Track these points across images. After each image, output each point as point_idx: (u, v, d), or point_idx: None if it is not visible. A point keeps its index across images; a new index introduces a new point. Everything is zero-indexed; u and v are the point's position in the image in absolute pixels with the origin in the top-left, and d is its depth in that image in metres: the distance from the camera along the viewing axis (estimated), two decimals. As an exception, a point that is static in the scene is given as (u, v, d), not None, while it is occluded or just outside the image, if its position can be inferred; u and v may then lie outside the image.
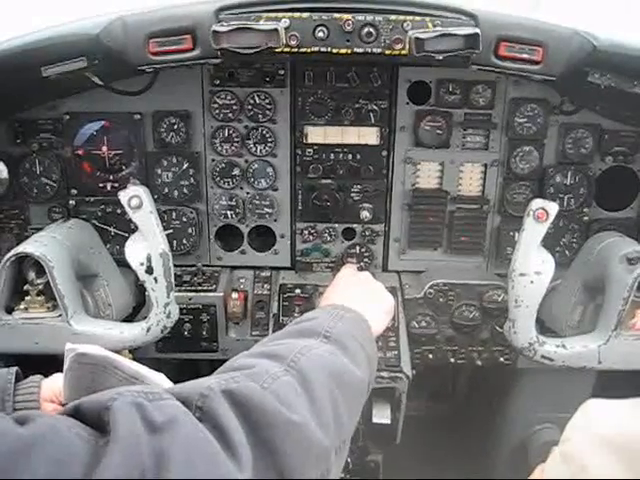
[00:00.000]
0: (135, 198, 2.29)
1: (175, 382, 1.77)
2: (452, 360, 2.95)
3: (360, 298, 2.07)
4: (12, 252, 2.34)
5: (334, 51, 2.25)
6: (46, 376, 1.88)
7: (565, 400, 3.02)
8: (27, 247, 2.34)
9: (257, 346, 1.66)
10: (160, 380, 1.71)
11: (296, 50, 2.23)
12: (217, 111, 2.79)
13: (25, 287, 2.42)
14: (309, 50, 2.24)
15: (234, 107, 2.78)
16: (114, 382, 1.71)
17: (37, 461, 0.98)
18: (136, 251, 2.34)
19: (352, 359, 1.64)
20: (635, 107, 2.60)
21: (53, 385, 1.80)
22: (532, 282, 2.33)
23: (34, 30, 2.35)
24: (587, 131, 2.77)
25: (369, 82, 2.74)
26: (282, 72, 2.74)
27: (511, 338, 2.44)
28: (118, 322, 2.58)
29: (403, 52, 2.24)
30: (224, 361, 2.61)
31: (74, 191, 2.86)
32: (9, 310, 2.42)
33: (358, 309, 1.91)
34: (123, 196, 2.30)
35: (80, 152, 2.80)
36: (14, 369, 1.79)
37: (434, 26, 2.20)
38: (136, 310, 2.85)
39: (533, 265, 2.32)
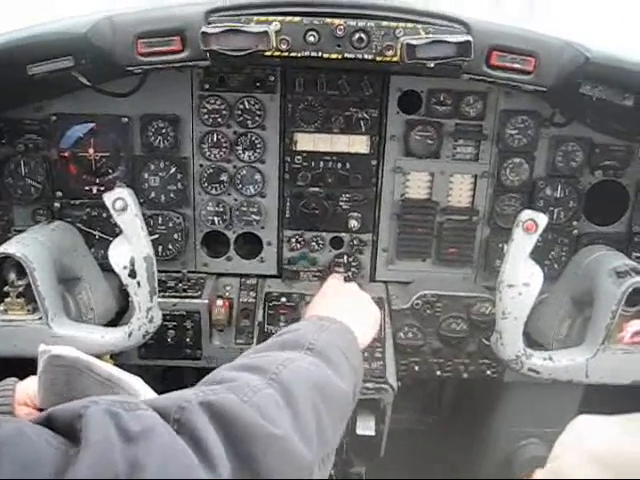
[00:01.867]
0: (120, 200, 2.26)
1: (158, 390, 1.74)
2: (438, 372, 2.92)
3: (346, 309, 2.02)
4: (-7, 252, 2.30)
5: (325, 56, 2.23)
6: (23, 380, 1.84)
7: (551, 415, 3.02)
8: (8, 248, 2.30)
9: (239, 358, 1.62)
10: (136, 384, 1.67)
11: (286, 54, 2.22)
12: (206, 116, 2.76)
13: (5, 289, 2.38)
14: (299, 54, 2.23)
15: (223, 112, 2.76)
16: (89, 385, 1.68)
17: (1, 464, 0.95)
18: (120, 254, 2.30)
19: (336, 371, 1.60)
20: (626, 120, 2.60)
21: (28, 388, 1.76)
22: (520, 294, 2.30)
23: (20, 28, 2.32)
24: (577, 144, 2.76)
25: (360, 90, 2.72)
26: (272, 78, 2.73)
27: (498, 350, 2.42)
28: (99, 326, 2.54)
29: (394, 59, 2.22)
30: (208, 369, 2.57)
31: (59, 193, 2.83)
32: (-12, 312, 2.38)
33: (344, 320, 1.87)
34: (108, 198, 2.27)
35: (66, 154, 2.77)
36: None
37: (426, 33, 2.19)
38: (119, 315, 2.81)
39: (521, 276, 2.30)
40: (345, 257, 2.95)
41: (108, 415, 1.10)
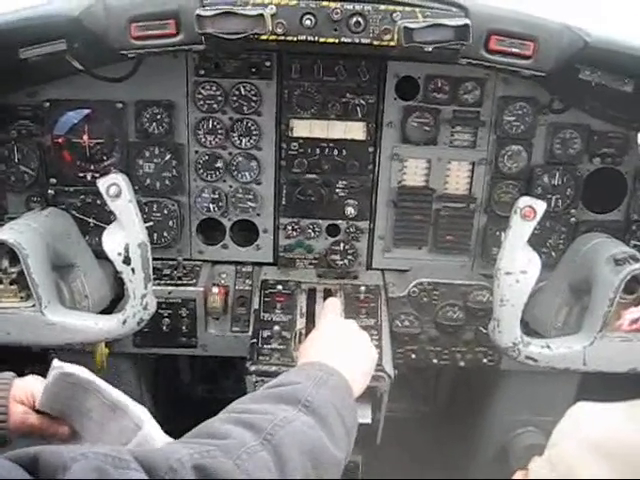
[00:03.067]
0: (114, 186, 2.23)
1: (153, 378, 1.73)
2: (435, 361, 2.91)
3: (345, 356, 1.90)
4: (-16, 239, 2.27)
5: (321, 40, 2.21)
6: (19, 371, 1.83)
7: (548, 403, 3.01)
8: (1, 234, 2.27)
9: (235, 405, 1.56)
10: (140, 413, 1.66)
11: (282, 38, 2.19)
12: (201, 102, 2.73)
13: (-1, 275, 2.35)
14: (295, 38, 2.20)
15: (219, 98, 2.73)
16: (94, 404, 1.67)
17: None
18: (114, 241, 2.28)
19: (331, 436, 1.54)
20: (625, 107, 2.58)
21: (26, 387, 1.75)
22: (518, 281, 2.29)
23: (12, 10, 2.28)
24: (576, 131, 2.74)
25: (357, 76, 2.70)
26: (268, 64, 2.70)
27: (495, 338, 2.40)
28: (93, 314, 2.52)
29: (392, 43, 2.19)
30: (203, 357, 2.55)
31: (53, 180, 2.80)
32: (-19, 300, 2.35)
33: (342, 370, 1.77)
34: (102, 184, 2.24)
35: (60, 141, 2.74)
36: None
37: (424, 17, 2.16)
38: (114, 303, 2.79)
39: (519, 264, 2.28)
40: (341, 245, 2.93)
41: (96, 473, 1.07)
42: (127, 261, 2.27)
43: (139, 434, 1.62)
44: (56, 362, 1.71)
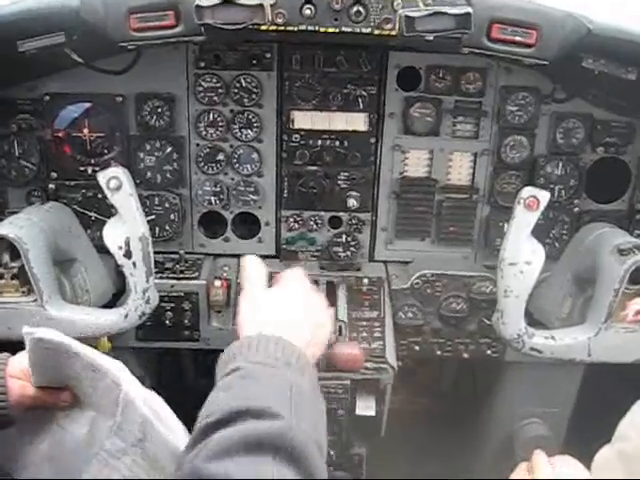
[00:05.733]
0: (114, 179, 2.21)
1: (155, 372, 1.73)
2: (438, 352, 2.91)
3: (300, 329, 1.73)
4: (-15, 234, 2.27)
5: (321, 30, 2.19)
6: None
7: (552, 395, 3.01)
8: (2, 229, 2.27)
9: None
10: (116, 369, 1.67)
11: (282, 28, 2.17)
12: (202, 94, 2.72)
13: (-1, 270, 2.34)
14: (296, 28, 2.18)
15: (219, 90, 2.71)
16: (77, 367, 1.67)
17: None
18: (114, 234, 2.27)
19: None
20: (628, 95, 2.56)
21: (21, 362, 1.76)
22: (522, 272, 2.27)
23: (10, 3, 2.27)
24: (579, 121, 2.72)
25: (358, 67, 2.68)
26: (269, 55, 2.68)
27: (499, 329, 2.39)
28: (95, 308, 2.51)
29: (393, 32, 2.18)
30: (206, 351, 2.55)
31: (54, 174, 2.79)
32: (-18, 294, 2.35)
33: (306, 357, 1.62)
34: (102, 177, 2.22)
35: (60, 134, 2.73)
36: None
37: (425, 5, 2.14)
38: (116, 298, 2.78)
39: (523, 254, 2.27)
40: (344, 236, 2.91)
41: None
42: (128, 255, 2.26)
43: (121, 397, 1.63)
44: (26, 328, 1.70)
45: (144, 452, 1.63)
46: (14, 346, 1.87)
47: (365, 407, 2.52)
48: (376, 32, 2.19)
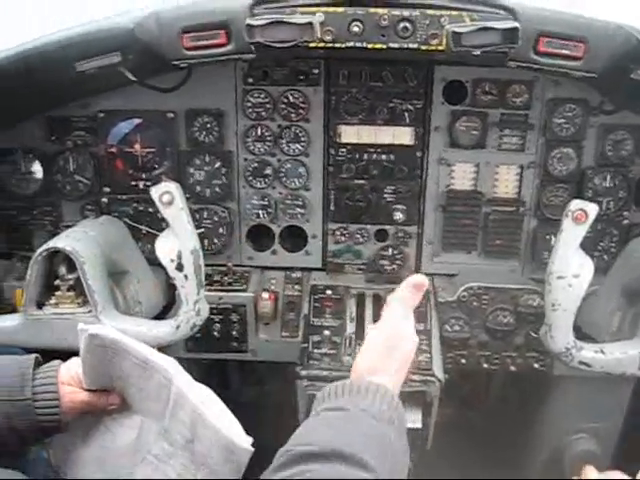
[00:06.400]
0: (167, 194, 2.28)
1: (203, 383, 1.76)
2: (485, 365, 2.90)
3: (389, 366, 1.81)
4: (44, 247, 2.34)
5: (369, 46, 2.23)
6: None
7: (601, 409, 2.96)
8: (59, 242, 2.35)
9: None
10: (169, 365, 1.70)
11: (331, 45, 2.21)
12: (250, 110, 2.77)
13: (56, 282, 2.42)
14: (344, 45, 2.22)
15: (267, 106, 2.76)
16: (128, 367, 1.71)
17: None
18: (167, 248, 2.33)
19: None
20: (678, 107, 2.53)
21: (71, 368, 1.82)
22: (570, 285, 2.26)
23: (69, 26, 2.36)
24: (627, 132, 2.69)
25: (404, 81, 2.70)
26: (316, 71, 2.72)
27: (547, 343, 2.38)
28: (147, 319, 2.57)
29: (440, 47, 2.20)
30: (253, 362, 2.58)
31: (107, 189, 2.87)
32: (40, 305, 2.43)
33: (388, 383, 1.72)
34: (155, 192, 2.29)
35: (113, 150, 2.81)
36: (33, 355, 1.82)
37: (472, 20, 2.16)
38: (166, 309, 2.84)
39: (571, 268, 2.26)
40: (390, 249, 2.92)
41: None
42: (180, 268, 2.31)
43: (172, 390, 1.66)
44: (81, 325, 1.77)
45: (192, 454, 1.66)
46: (68, 356, 1.93)
47: (412, 420, 2.51)
48: (423, 48, 2.21)
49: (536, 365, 2.86)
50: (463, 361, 2.87)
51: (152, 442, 1.72)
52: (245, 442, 1.63)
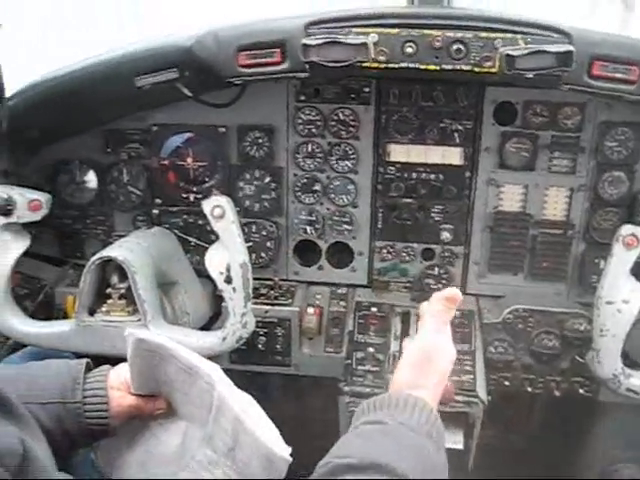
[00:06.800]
0: (218, 208, 2.33)
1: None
2: (529, 389, 2.86)
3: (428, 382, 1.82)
4: (97, 255, 2.40)
5: (422, 67, 2.24)
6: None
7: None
8: (112, 251, 2.40)
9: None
10: (211, 369, 1.72)
11: (384, 65, 2.24)
12: (301, 126, 2.81)
13: (107, 290, 2.48)
14: (397, 66, 2.24)
15: (318, 123, 2.79)
16: (173, 372, 1.75)
17: None
18: (216, 260, 2.37)
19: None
20: None
21: (120, 374, 1.86)
22: (619, 311, 2.24)
23: (129, 42, 2.43)
24: None
25: (454, 101, 2.71)
26: (367, 89, 2.74)
27: (594, 368, 2.35)
28: (195, 330, 2.61)
29: (493, 70, 2.21)
30: (295, 376, 2.60)
31: (158, 200, 2.93)
32: (91, 312, 2.49)
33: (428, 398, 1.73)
34: (206, 205, 2.34)
35: (166, 163, 2.87)
36: (84, 360, 1.87)
37: (526, 43, 2.16)
38: (212, 321, 2.88)
39: (621, 293, 2.24)
40: (436, 269, 2.93)
41: None
42: (229, 280, 2.35)
43: (215, 396, 1.67)
44: (128, 330, 1.81)
45: (234, 462, 1.67)
46: (117, 362, 1.98)
47: (453, 440, 2.50)
48: (476, 70, 2.22)
49: (581, 390, 2.82)
50: (507, 383, 2.84)
51: (195, 448, 1.73)
52: (284, 451, 1.64)
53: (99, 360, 1.99)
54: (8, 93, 2.47)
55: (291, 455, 1.65)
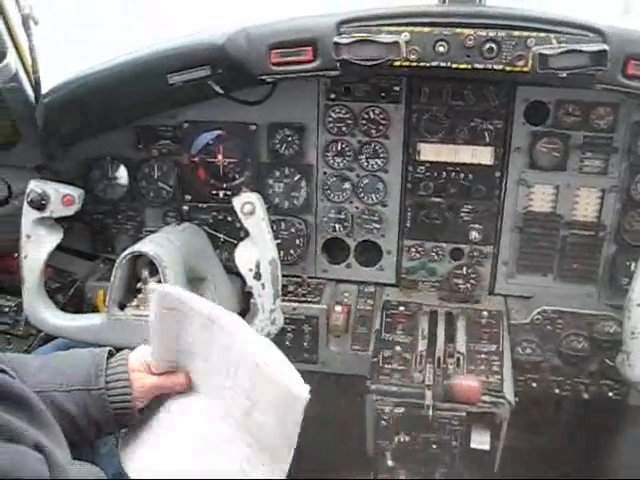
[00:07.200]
0: (248, 204, 2.35)
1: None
2: (557, 391, 2.85)
3: None
4: (129, 250, 2.43)
5: (454, 66, 2.24)
6: None
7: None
8: (143, 246, 2.43)
9: None
10: (233, 323, 1.75)
11: (415, 64, 2.23)
12: (331, 125, 2.81)
13: (138, 285, 2.51)
14: (428, 64, 2.24)
15: (348, 121, 2.80)
16: (194, 331, 1.76)
17: None
18: (246, 257, 2.39)
19: None
20: None
21: (139, 356, 1.88)
22: (651, 313, 2.22)
23: (162, 40, 2.46)
24: None
25: (485, 101, 2.69)
26: (397, 88, 2.74)
27: (624, 371, 2.33)
28: (223, 326, 2.62)
29: (525, 69, 2.20)
30: (321, 374, 2.61)
31: (188, 197, 2.95)
32: (122, 306, 2.51)
33: None
34: (237, 202, 2.36)
35: (196, 159, 2.89)
36: (107, 348, 1.90)
37: (559, 42, 2.15)
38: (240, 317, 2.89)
39: (653, 296, 2.21)
40: (464, 268, 2.92)
41: None
42: (258, 277, 2.37)
43: (234, 349, 1.70)
44: (152, 284, 1.85)
45: (250, 430, 1.70)
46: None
47: (480, 441, 2.50)
48: (508, 69, 2.21)
49: (610, 394, 2.80)
50: (534, 385, 2.83)
51: (215, 427, 1.76)
52: (302, 391, 1.66)
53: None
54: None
55: (316, 453, 1.66)
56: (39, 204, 2.48)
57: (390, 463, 2.57)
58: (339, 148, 2.84)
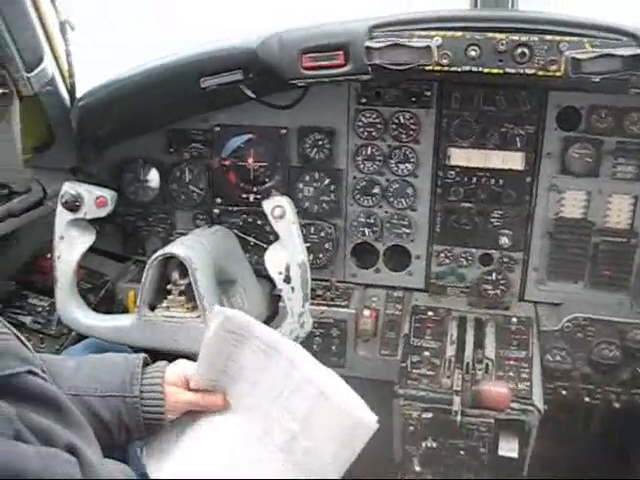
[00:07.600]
0: (278, 208, 2.36)
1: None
2: (587, 399, 2.82)
3: None
4: (160, 252, 2.45)
5: (485, 71, 2.23)
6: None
7: None
8: (174, 248, 2.45)
9: None
10: (295, 351, 1.77)
11: (447, 69, 2.23)
12: (361, 129, 2.82)
13: (168, 287, 2.53)
14: (460, 69, 2.24)
15: (378, 126, 2.80)
16: (248, 356, 1.76)
17: None
18: (275, 260, 2.40)
19: None
20: None
21: (177, 370, 1.88)
22: (684, 322, 2.18)
23: (195, 44, 2.49)
24: None
25: (517, 106, 2.68)
26: (428, 93, 2.74)
27: (657, 380, 2.30)
28: (252, 328, 2.64)
29: (558, 74, 2.18)
30: (349, 378, 2.60)
31: (218, 200, 2.98)
32: (152, 307, 2.54)
33: None
34: (267, 205, 2.38)
35: (227, 163, 2.92)
36: (142, 355, 1.90)
37: (592, 47, 2.13)
38: (268, 320, 2.91)
39: (687, 304, 2.18)
40: (494, 274, 2.90)
41: None
42: (287, 280, 2.38)
43: (294, 375, 1.71)
44: (217, 307, 1.84)
45: (294, 453, 1.69)
46: (174, 358, 2.02)
47: (508, 448, 2.47)
48: (540, 73, 2.20)
49: None
50: (564, 392, 2.80)
51: (249, 445, 1.76)
52: (371, 419, 1.65)
53: (156, 355, 2.03)
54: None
55: None
56: (73, 205, 2.52)
57: (417, 469, 2.56)
58: (369, 153, 2.84)
